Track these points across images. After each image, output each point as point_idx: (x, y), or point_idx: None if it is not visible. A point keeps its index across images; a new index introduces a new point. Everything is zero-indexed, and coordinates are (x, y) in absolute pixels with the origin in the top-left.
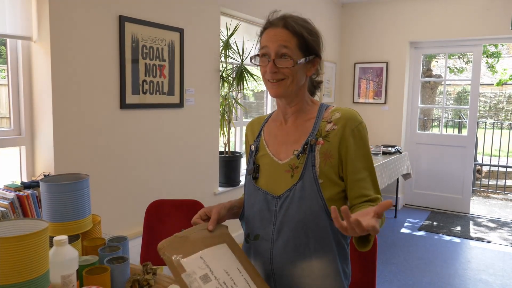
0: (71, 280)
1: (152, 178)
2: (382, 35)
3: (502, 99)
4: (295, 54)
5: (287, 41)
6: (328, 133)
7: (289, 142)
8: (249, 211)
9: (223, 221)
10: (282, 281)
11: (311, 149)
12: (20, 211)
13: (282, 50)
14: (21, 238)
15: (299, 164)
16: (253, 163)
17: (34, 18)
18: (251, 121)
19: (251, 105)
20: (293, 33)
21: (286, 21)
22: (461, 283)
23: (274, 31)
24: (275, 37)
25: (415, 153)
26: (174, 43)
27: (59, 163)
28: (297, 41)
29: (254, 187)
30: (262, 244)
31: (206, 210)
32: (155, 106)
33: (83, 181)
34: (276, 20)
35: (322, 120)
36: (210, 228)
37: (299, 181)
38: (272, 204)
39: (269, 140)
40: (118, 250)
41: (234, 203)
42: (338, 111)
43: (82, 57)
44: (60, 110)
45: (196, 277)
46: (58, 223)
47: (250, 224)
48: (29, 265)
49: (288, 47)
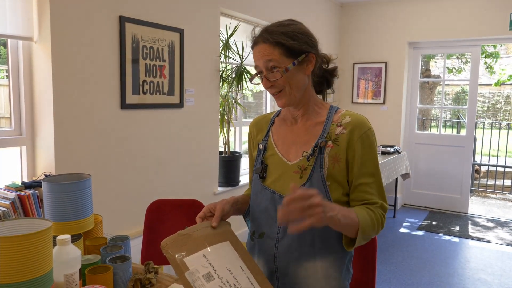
0: (74, 279)
1: (152, 178)
2: (381, 35)
3: (500, 99)
4: (282, 63)
5: (270, 54)
6: (337, 137)
7: (298, 143)
8: (255, 209)
9: (227, 217)
10: (285, 280)
11: (321, 151)
12: (21, 211)
13: (269, 64)
14: (25, 237)
15: (308, 166)
16: (261, 163)
17: (35, 18)
18: (256, 120)
19: (250, 105)
20: (273, 44)
21: (263, 36)
22: (460, 283)
23: (258, 48)
24: (260, 54)
25: (413, 153)
26: (174, 43)
27: (60, 163)
28: (279, 50)
29: (261, 186)
30: (267, 242)
31: (210, 207)
32: (155, 106)
33: (85, 181)
34: (257, 37)
35: (332, 123)
36: (213, 224)
37: (307, 182)
38: (279, 203)
39: (278, 140)
40: (120, 250)
41: (238, 198)
42: (348, 116)
43: (82, 58)
44: (60, 110)
45: (199, 276)
46: (60, 222)
47: (256, 222)
48: (33, 264)
49: (273, 60)
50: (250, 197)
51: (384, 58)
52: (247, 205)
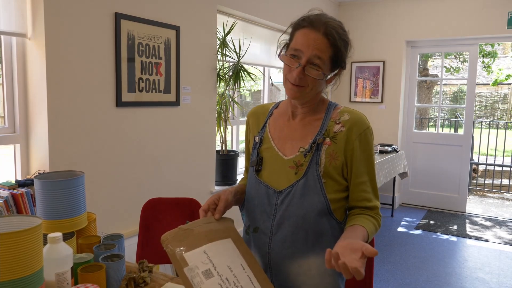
0: (65, 277)
1: (148, 176)
2: (379, 34)
3: (497, 99)
4: (325, 66)
5: (323, 51)
6: (335, 134)
7: (295, 138)
8: (250, 203)
9: (230, 207)
10: (279, 276)
11: (318, 148)
12: (14, 209)
13: (315, 60)
14: (14, 235)
15: (304, 162)
16: (257, 155)
17: (29, 14)
18: (254, 109)
19: (248, 105)
20: (332, 44)
21: (328, 29)
22: (458, 282)
23: (314, 35)
24: (313, 44)
25: (411, 152)
26: (170, 40)
27: (54, 161)
28: (331, 53)
29: (256, 180)
30: (260, 237)
31: (214, 198)
32: (151, 104)
33: (78, 178)
34: (317, 23)
35: (331, 120)
36: (216, 216)
37: (303, 178)
38: (273, 198)
39: (274, 134)
40: (113, 248)
41: (237, 189)
42: (347, 113)
43: (77, 54)
44: (55, 107)
45: (199, 272)
46: (53, 220)
47: (250, 216)
48: (22, 262)
49: (322, 58)
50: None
51: (382, 57)
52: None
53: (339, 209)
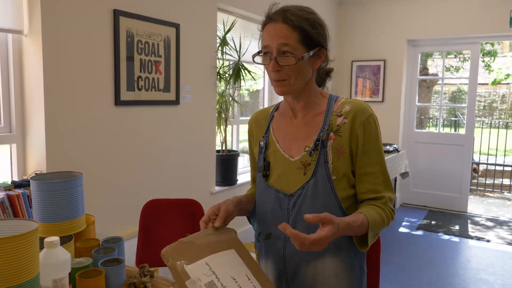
0: (63, 284)
1: (147, 177)
2: (380, 33)
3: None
4: (297, 50)
5: (287, 37)
6: (339, 127)
7: (300, 138)
8: (260, 209)
9: (232, 218)
10: (295, 280)
11: (323, 145)
12: (10, 211)
13: (283, 48)
14: (9, 240)
15: (312, 161)
16: (263, 160)
17: (25, 10)
18: (255, 115)
19: (247, 104)
20: (293, 27)
21: (285, 15)
22: (461, 283)
23: (274, 26)
24: (275, 34)
25: (412, 152)
26: (170, 38)
27: (52, 161)
28: (298, 36)
29: (265, 185)
30: (274, 243)
31: (214, 209)
32: (151, 103)
33: (76, 179)
34: (275, 14)
35: (333, 114)
36: (216, 225)
37: (312, 178)
38: (284, 202)
39: (278, 136)
40: (113, 252)
41: (241, 198)
42: (348, 104)
43: (75, 52)
44: (52, 106)
45: (201, 284)
46: (50, 223)
47: (262, 223)
48: (17, 269)
49: (289, 44)
50: (253, 197)
51: (383, 55)
52: (251, 205)
53: (352, 206)
